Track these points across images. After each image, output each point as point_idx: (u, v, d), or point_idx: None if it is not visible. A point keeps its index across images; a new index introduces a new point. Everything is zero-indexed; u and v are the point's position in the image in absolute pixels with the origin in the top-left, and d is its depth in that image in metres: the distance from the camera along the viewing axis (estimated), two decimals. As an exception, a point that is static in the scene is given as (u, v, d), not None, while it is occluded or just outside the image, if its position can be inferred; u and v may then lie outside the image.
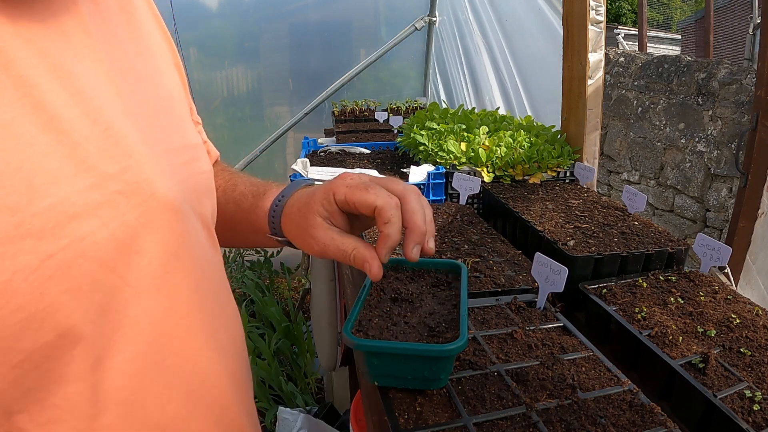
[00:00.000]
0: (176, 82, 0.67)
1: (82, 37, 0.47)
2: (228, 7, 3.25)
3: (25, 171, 0.39)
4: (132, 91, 0.52)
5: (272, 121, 3.59)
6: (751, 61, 5.79)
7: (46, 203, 0.40)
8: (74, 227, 0.41)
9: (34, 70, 0.41)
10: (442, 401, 0.64)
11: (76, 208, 0.42)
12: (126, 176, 0.47)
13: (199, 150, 0.64)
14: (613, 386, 0.68)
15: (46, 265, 0.39)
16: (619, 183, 4.83)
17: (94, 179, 0.44)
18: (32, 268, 0.39)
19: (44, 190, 0.40)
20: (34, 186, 0.39)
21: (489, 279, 0.97)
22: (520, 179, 1.60)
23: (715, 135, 3.80)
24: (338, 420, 2.06)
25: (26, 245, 0.38)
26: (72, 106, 0.44)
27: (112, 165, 0.46)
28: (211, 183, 0.66)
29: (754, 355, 0.75)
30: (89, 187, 0.43)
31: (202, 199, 0.60)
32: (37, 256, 0.39)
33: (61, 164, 0.41)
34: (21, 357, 0.39)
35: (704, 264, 1.03)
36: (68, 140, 0.42)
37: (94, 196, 0.43)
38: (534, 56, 2.52)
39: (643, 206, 1.27)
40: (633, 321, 0.85)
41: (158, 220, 0.49)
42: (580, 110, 1.68)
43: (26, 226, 0.38)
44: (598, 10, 1.60)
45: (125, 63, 0.53)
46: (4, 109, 0.39)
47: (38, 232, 0.39)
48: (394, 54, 3.68)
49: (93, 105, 0.46)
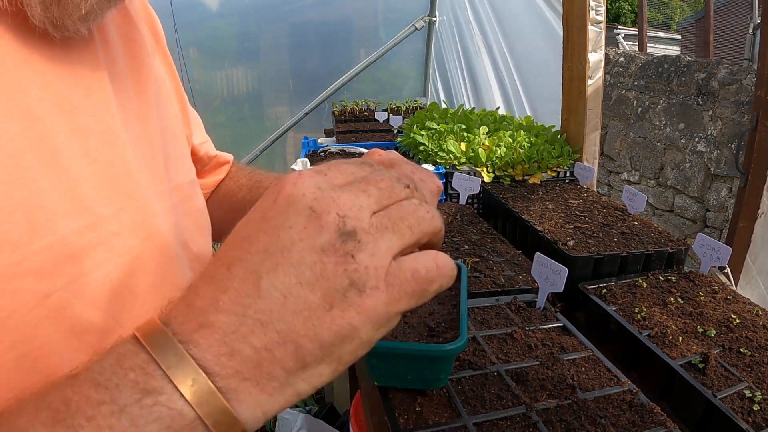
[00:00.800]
0: (176, 113, 0.66)
1: (94, 79, 0.47)
2: (228, 7, 3.25)
3: (26, 206, 0.38)
4: (134, 128, 0.52)
5: (272, 121, 3.59)
6: (751, 61, 5.79)
7: (45, 241, 0.39)
8: (71, 268, 0.41)
9: (41, 103, 0.41)
10: (442, 401, 0.64)
11: (73, 248, 0.41)
12: (123, 217, 0.46)
13: (195, 187, 0.65)
14: (613, 386, 0.68)
15: (43, 304, 0.39)
16: (619, 183, 4.83)
17: (90, 220, 0.43)
18: (29, 307, 0.38)
19: (44, 228, 0.39)
20: (34, 222, 0.39)
21: (489, 279, 0.97)
22: (520, 179, 1.60)
23: (715, 135, 3.80)
24: (338, 420, 2.06)
25: (26, 283, 0.38)
26: (74, 143, 0.43)
27: (110, 206, 0.45)
28: (206, 220, 0.66)
29: (754, 355, 0.75)
30: (86, 228, 0.42)
31: (196, 238, 0.60)
32: (35, 295, 0.38)
33: (61, 202, 0.41)
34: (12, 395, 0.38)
35: (704, 264, 1.03)
36: (67, 178, 0.42)
37: (89, 237, 0.43)
38: (534, 56, 2.52)
39: (643, 206, 1.27)
40: (633, 321, 0.85)
41: (153, 261, 0.49)
42: (580, 110, 1.68)
43: (27, 263, 0.38)
44: (598, 10, 1.60)
45: (129, 100, 0.53)
46: (11, 139, 0.38)
47: (37, 270, 0.38)
48: (394, 54, 3.68)
49: (95, 142, 0.45)
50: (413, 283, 0.33)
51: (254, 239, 0.32)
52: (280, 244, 0.31)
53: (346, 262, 0.31)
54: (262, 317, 0.30)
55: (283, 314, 0.30)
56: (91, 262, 0.42)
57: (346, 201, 0.32)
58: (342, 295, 0.30)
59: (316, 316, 0.30)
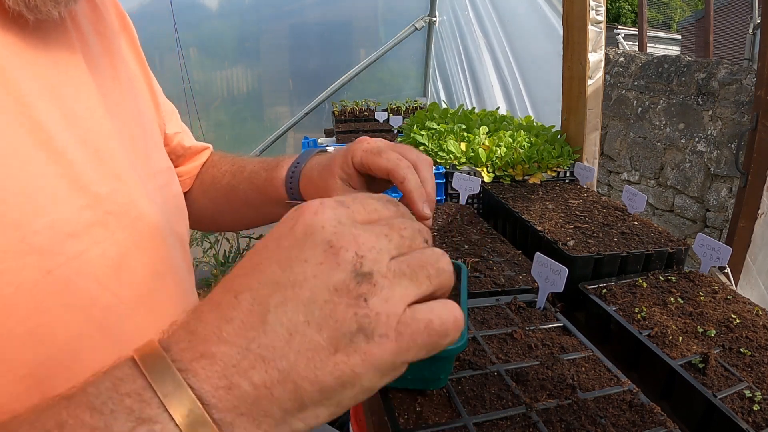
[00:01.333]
0: (150, 107, 0.69)
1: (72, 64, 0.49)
2: (228, 7, 3.25)
3: (27, 188, 0.40)
4: (115, 116, 0.54)
5: (272, 121, 3.59)
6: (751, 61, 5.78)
7: (45, 221, 0.41)
8: (70, 245, 0.42)
9: (31, 91, 0.42)
10: (442, 401, 0.64)
11: (72, 226, 0.43)
12: (116, 197, 0.48)
13: (171, 174, 0.68)
14: (613, 386, 0.68)
15: (46, 280, 0.40)
16: (619, 183, 4.83)
17: (87, 199, 0.45)
18: (33, 283, 0.40)
19: (43, 208, 0.41)
20: (35, 203, 0.40)
21: (489, 279, 0.97)
22: (520, 179, 1.60)
23: (715, 135, 3.80)
24: (338, 420, 2.06)
25: (29, 260, 0.39)
26: (65, 128, 0.45)
27: (104, 186, 0.47)
28: (183, 204, 0.69)
29: (754, 355, 0.75)
30: (83, 207, 0.44)
31: (178, 220, 0.63)
32: (39, 271, 0.40)
33: (58, 183, 0.43)
34: (25, 371, 0.40)
35: (704, 264, 1.03)
36: (63, 160, 0.43)
37: (87, 216, 0.44)
38: (534, 56, 2.52)
39: (643, 206, 1.27)
40: (633, 321, 0.85)
41: (145, 241, 0.51)
42: (580, 110, 1.68)
43: (29, 241, 0.39)
44: (598, 10, 1.60)
45: (106, 89, 0.55)
46: (5, 127, 0.40)
47: (39, 248, 0.40)
48: (394, 54, 3.68)
49: (84, 127, 0.47)
50: (425, 335, 0.31)
51: (266, 268, 0.31)
52: (292, 278, 0.30)
53: (358, 306, 0.30)
54: (264, 353, 0.29)
55: (286, 352, 0.29)
56: (89, 240, 0.44)
57: (366, 241, 0.31)
58: (349, 339, 0.30)
59: (319, 358, 0.29)
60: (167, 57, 2.98)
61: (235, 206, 0.81)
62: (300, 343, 0.29)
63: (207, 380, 0.29)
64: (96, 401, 0.29)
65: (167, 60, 2.99)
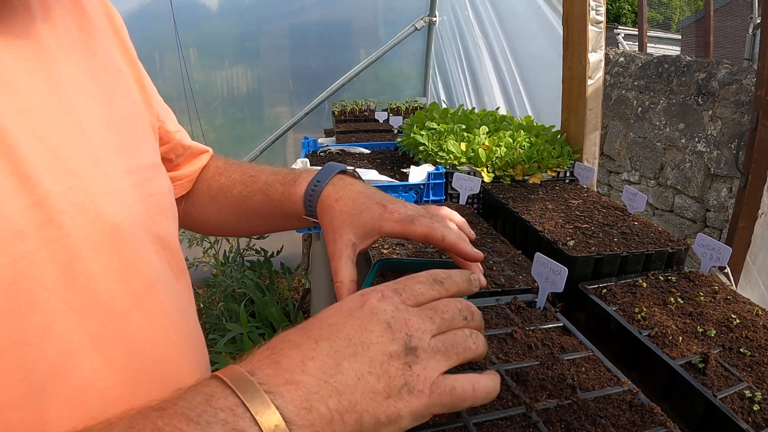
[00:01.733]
0: (136, 100, 0.66)
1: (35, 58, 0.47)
2: (228, 7, 3.25)
3: None
4: (85, 111, 0.51)
5: (272, 121, 3.59)
6: (751, 61, 5.79)
7: None
8: (16, 245, 0.40)
9: None
10: (442, 401, 0.64)
11: (18, 226, 0.41)
12: (71, 196, 0.46)
13: (157, 169, 0.64)
14: (613, 386, 0.67)
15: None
16: (619, 183, 4.83)
17: (36, 198, 0.43)
18: None
19: None
20: None
21: (489, 279, 0.97)
22: (520, 179, 1.60)
23: (715, 135, 3.80)
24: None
25: None
26: (19, 123, 0.43)
27: (57, 184, 0.45)
28: (170, 202, 0.65)
29: (754, 355, 0.75)
30: (32, 206, 0.42)
31: (158, 220, 0.59)
32: None
33: (5, 180, 0.41)
34: None
35: (704, 264, 1.03)
36: (13, 156, 0.41)
37: (35, 215, 0.42)
38: (534, 56, 2.52)
39: (643, 206, 1.27)
40: (633, 321, 0.85)
41: (105, 242, 0.48)
42: (580, 110, 1.68)
43: None
44: (598, 10, 1.60)
45: (79, 83, 0.53)
46: None
47: None
48: (394, 54, 3.68)
49: (40, 123, 0.45)
50: (449, 396, 0.43)
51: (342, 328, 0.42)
52: (362, 339, 0.41)
53: (405, 369, 0.41)
54: (339, 387, 0.38)
55: (354, 390, 0.39)
56: (38, 241, 0.42)
57: (414, 324, 0.43)
58: (398, 390, 0.40)
59: (377, 400, 0.40)
60: (167, 57, 2.98)
61: (246, 215, 0.81)
62: (365, 386, 0.39)
63: (291, 402, 0.36)
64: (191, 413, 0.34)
65: (167, 60, 2.99)
